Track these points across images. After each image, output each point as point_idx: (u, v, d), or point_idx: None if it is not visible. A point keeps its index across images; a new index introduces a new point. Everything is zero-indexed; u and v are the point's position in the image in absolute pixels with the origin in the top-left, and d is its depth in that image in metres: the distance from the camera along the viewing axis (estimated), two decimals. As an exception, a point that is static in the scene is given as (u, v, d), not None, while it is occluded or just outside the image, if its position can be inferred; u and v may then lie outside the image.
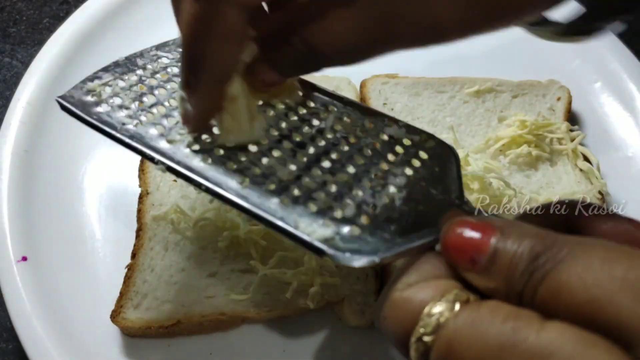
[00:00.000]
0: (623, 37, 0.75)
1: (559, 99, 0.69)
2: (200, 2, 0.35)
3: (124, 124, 0.41)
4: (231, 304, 0.54)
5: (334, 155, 0.40)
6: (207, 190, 0.38)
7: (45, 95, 0.67)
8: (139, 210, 0.60)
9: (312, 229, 0.35)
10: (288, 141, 0.40)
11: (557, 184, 0.63)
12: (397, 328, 0.32)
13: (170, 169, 0.39)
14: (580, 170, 0.64)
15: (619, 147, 0.68)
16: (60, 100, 0.43)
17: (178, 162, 0.39)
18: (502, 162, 0.64)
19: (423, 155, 0.40)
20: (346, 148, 0.40)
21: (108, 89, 0.43)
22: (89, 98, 0.43)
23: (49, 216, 0.60)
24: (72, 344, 0.53)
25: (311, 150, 0.40)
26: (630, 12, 0.37)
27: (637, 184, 0.65)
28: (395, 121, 0.42)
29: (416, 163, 0.40)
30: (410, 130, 0.41)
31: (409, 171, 0.39)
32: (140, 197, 0.61)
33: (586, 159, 0.65)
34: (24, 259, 0.56)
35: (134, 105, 0.42)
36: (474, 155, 0.63)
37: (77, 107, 0.42)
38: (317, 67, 0.39)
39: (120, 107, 0.42)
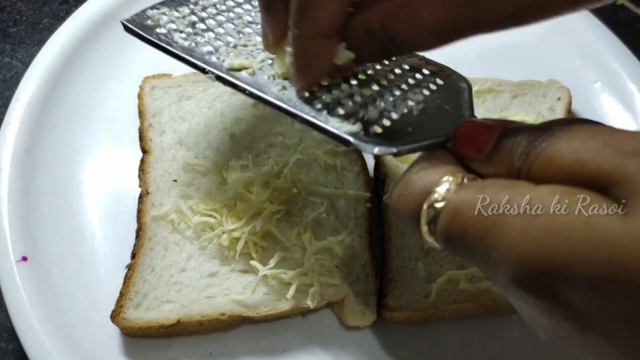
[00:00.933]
0: (623, 37, 0.75)
1: (559, 99, 0.69)
2: None
3: (177, 42, 0.49)
4: (231, 304, 0.54)
5: (360, 76, 0.45)
6: (251, 95, 0.45)
7: (45, 95, 0.67)
8: (139, 210, 0.60)
9: (340, 125, 0.42)
10: None
11: (557, 184, 0.63)
12: (411, 201, 0.37)
13: (219, 78, 0.47)
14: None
15: (619, 147, 0.68)
16: (124, 22, 0.50)
17: (226, 73, 0.47)
18: (502, 162, 0.63)
19: (439, 81, 0.46)
20: (370, 72, 0.46)
21: (165, 17, 0.51)
22: (149, 22, 0.50)
23: (49, 216, 0.60)
24: (72, 344, 0.53)
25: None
26: None
27: (637, 184, 0.65)
28: (415, 55, 0.48)
29: (433, 87, 0.45)
30: (429, 62, 0.48)
31: (426, 92, 0.45)
32: (140, 197, 0.61)
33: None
34: (24, 259, 0.56)
35: (188, 29, 0.50)
36: (474, 155, 0.63)
37: (139, 28, 0.50)
38: (398, 53, 0.43)
39: (176, 30, 0.50)
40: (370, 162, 0.64)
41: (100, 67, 0.71)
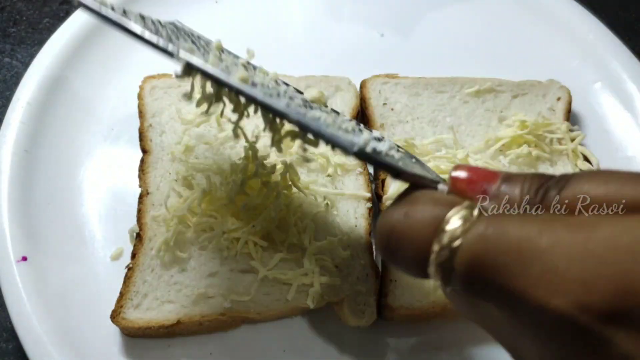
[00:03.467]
0: (623, 37, 0.75)
1: (559, 99, 0.69)
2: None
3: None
4: (231, 304, 0.54)
5: None
6: (230, 88, 0.38)
7: (45, 95, 0.67)
8: (139, 210, 0.60)
9: (344, 132, 0.38)
10: None
11: (557, 184, 0.63)
12: (412, 240, 0.31)
13: (190, 66, 0.39)
14: (580, 170, 0.64)
15: (619, 147, 0.68)
16: None
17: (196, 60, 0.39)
18: (502, 162, 0.63)
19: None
20: None
21: None
22: None
23: (49, 216, 0.60)
24: (72, 344, 0.53)
25: None
26: None
27: (637, 184, 0.65)
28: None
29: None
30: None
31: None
32: (140, 197, 0.61)
33: (586, 159, 0.65)
34: (24, 259, 0.56)
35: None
36: (474, 156, 0.63)
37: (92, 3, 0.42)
38: None
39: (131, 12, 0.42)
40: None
41: (100, 67, 0.71)
